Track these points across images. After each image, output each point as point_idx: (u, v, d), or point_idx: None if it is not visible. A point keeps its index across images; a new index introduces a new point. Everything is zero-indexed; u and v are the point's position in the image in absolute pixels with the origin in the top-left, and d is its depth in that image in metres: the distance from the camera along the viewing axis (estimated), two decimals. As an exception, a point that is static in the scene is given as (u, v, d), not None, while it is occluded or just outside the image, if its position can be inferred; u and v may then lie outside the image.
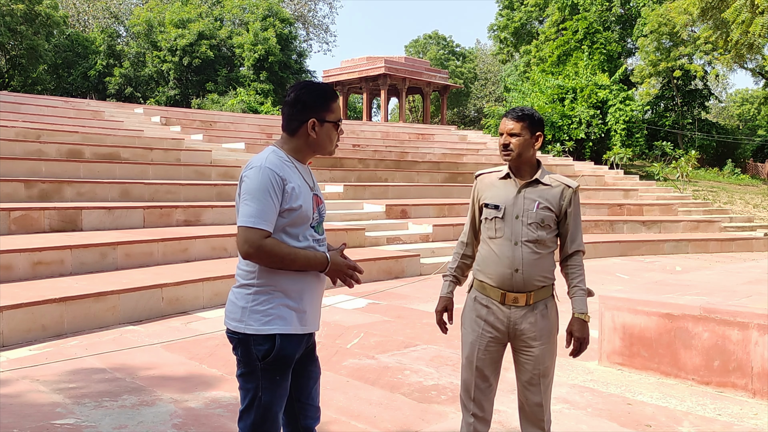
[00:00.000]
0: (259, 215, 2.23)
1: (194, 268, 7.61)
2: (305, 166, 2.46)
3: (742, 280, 5.97)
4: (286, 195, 2.28)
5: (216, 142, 15.46)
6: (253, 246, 2.23)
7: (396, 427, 3.73)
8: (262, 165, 2.28)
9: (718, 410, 4.06)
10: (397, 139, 22.12)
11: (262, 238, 2.23)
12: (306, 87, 2.39)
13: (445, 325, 2.93)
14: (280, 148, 2.40)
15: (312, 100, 2.36)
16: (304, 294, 2.35)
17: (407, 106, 49.53)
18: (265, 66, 36.72)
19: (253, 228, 2.22)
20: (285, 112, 2.41)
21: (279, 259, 2.26)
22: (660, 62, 33.96)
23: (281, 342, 2.29)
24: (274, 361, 2.29)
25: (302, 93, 2.37)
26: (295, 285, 2.33)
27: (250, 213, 2.23)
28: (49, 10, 33.23)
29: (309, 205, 2.36)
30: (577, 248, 2.81)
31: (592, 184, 19.25)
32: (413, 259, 9.64)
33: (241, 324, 2.30)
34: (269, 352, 2.28)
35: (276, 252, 2.25)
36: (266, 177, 2.25)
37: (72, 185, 9.30)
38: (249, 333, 2.29)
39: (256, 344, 2.29)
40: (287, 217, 2.30)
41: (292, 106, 2.37)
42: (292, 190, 2.29)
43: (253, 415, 2.31)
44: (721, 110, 60.05)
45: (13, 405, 3.98)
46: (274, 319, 2.29)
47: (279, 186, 2.26)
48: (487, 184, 2.85)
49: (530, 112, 2.74)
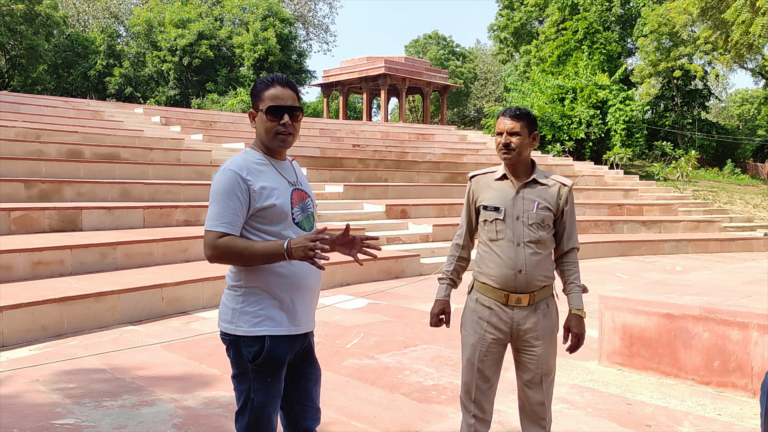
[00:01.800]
0: (215, 218, 2.25)
1: (194, 268, 7.61)
2: (284, 162, 2.43)
3: (742, 280, 5.97)
4: (255, 195, 2.27)
5: (216, 142, 15.46)
6: (209, 248, 2.26)
7: (396, 427, 3.73)
8: (226, 167, 2.30)
9: (718, 410, 4.06)
10: (397, 139, 22.12)
11: (216, 239, 2.24)
12: (255, 81, 2.44)
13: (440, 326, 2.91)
14: (253, 147, 2.41)
15: (251, 94, 2.39)
16: (293, 292, 2.33)
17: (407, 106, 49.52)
18: (265, 66, 36.73)
19: (208, 231, 2.26)
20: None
21: (237, 255, 2.25)
22: (660, 62, 33.97)
23: (271, 343, 2.29)
24: (264, 363, 2.29)
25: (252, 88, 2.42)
26: (282, 284, 2.31)
27: (209, 216, 2.27)
28: (49, 10, 33.24)
29: (285, 201, 2.33)
30: (572, 245, 2.84)
31: (592, 184, 19.24)
32: (413, 259, 9.64)
33: (232, 325, 2.31)
34: (259, 353, 2.28)
35: (231, 248, 2.24)
36: (226, 179, 2.26)
37: (72, 185, 9.30)
38: (239, 334, 2.29)
39: (246, 346, 2.29)
40: (262, 216, 2.29)
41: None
42: (261, 190, 2.28)
43: (247, 417, 2.31)
44: (721, 110, 60.06)
45: (13, 405, 3.98)
46: (264, 320, 2.29)
47: (241, 187, 2.25)
48: (483, 185, 2.84)
49: (527, 111, 2.76)
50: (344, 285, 8.37)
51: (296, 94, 2.37)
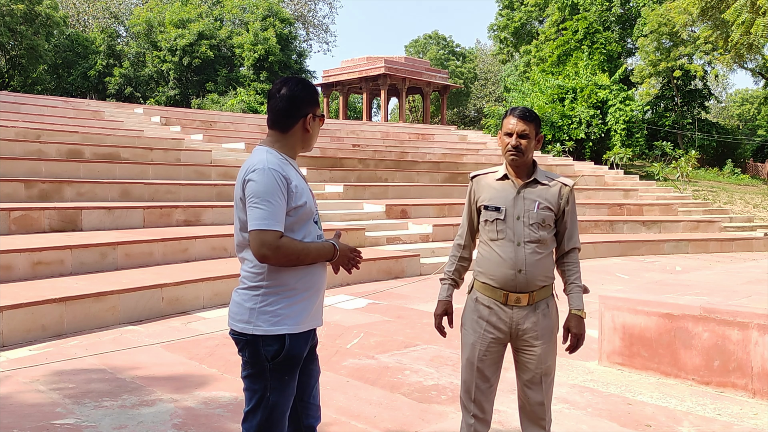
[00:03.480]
0: (271, 217, 2.23)
1: (194, 268, 7.60)
2: (295, 163, 2.47)
3: (742, 280, 5.97)
4: (291, 194, 2.29)
5: (216, 142, 15.46)
6: (270, 248, 2.22)
7: (396, 427, 3.73)
8: (266, 167, 2.26)
9: (718, 410, 4.06)
10: (397, 139, 22.11)
11: (278, 238, 2.23)
12: (301, 83, 2.39)
13: (443, 329, 2.92)
14: (271, 146, 2.38)
15: (308, 96, 2.37)
16: (311, 290, 2.37)
17: (407, 106, 49.53)
18: (265, 66, 36.73)
19: (268, 230, 2.22)
20: (279, 107, 2.37)
21: (295, 256, 2.28)
22: (660, 62, 33.98)
23: (291, 342, 2.30)
24: (283, 361, 2.30)
25: (297, 89, 2.36)
26: (302, 281, 2.34)
27: (262, 216, 2.23)
28: (49, 10, 33.24)
29: (311, 200, 2.39)
30: (573, 245, 2.85)
31: (592, 184, 19.24)
32: (413, 259, 9.64)
33: (249, 325, 2.30)
34: (279, 352, 2.29)
35: (292, 249, 2.26)
36: (272, 178, 2.25)
37: (72, 185, 9.30)
38: (258, 334, 2.28)
39: (266, 345, 2.29)
40: (294, 215, 2.31)
41: (288, 101, 2.35)
42: (296, 188, 2.31)
43: (260, 416, 2.31)
44: (721, 110, 60.05)
45: (13, 405, 3.98)
46: (284, 319, 2.30)
47: (285, 186, 2.27)
48: (484, 185, 2.84)
49: (534, 113, 2.78)
50: (344, 285, 8.37)
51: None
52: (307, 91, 2.38)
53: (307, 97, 2.36)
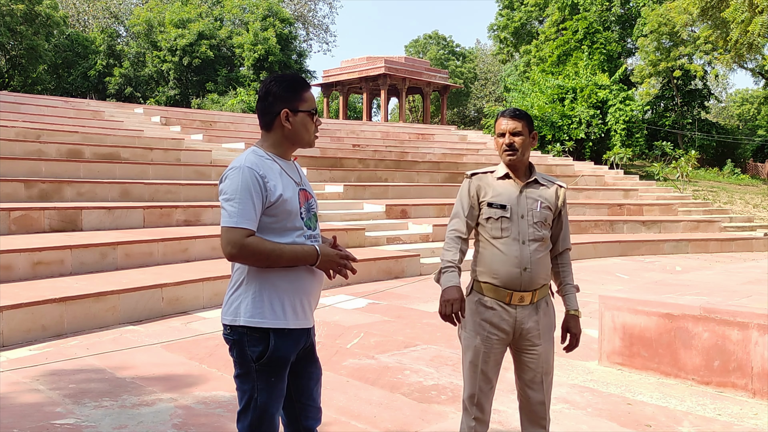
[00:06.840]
0: (239, 214, 2.21)
1: (194, 268, 7.60)
2: (289, 162, 2.44)
3: (742, 280, 5.97)
4: (268, 192, 2.27)
5: (216, 142, 15.46)
6: (236, 246, 2.21)
7: (396, 427, 3.73)
8: (242, 165, 2.27)
9: (718, 410, 4.06)
10: (397, 139, 22.11)
11: (244, 237, 2.21)
12: (275, 79, 2.38)
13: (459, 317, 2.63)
14: (259, 146, 2.39)
15: (282, 91, 2.34)
16: (297, 291, 2.34)
17: (407, 106, 49.52)
18: (265, 66, 36.73)
19: (235, 228, 2.21)
20: (258, 108, 2.39)
21: (264, 257, 2.24)
22: (660, 62, 33.97)
23: (275, 342, 2.29)
24: (268, 362, 2.29)
25: (272, 85, 2.35)
26: (286, 280, 2.32)
27: (230, 213, 2.22)
28: (49, 10, 33.24)
29: (294, 198, 2.34)
30: (566, 246, 2.92)
31: (592, 184, 19.24)
32: (413, 259, 9.64)
33: (235, 317, 2.30)
34: (263, 353, 2.28)
35: (260, 249, 2.23)
36: (246, 176, 2.24)
37: (72, 185, 9.30)
38: (240, 325, 2.28)
39: (251, 345, 2.28)
40: (272, 214, 2.28)
41: (263, 99, 2.36)
42: (274, 188, 2.28)
43: (250, 417, 2.31)
44: (721, 110, 60.05)
45: (13, 405, 3.98)
46: (266, 312, 2.29)
47: (260, 185, 2.25)
48: (486, 183, 2.84)
49: (524, 111, 2.80)
50: (344, 285, 8.37)
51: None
52: (281, 87, 2.34)
53: (281, 93, 2.33)
